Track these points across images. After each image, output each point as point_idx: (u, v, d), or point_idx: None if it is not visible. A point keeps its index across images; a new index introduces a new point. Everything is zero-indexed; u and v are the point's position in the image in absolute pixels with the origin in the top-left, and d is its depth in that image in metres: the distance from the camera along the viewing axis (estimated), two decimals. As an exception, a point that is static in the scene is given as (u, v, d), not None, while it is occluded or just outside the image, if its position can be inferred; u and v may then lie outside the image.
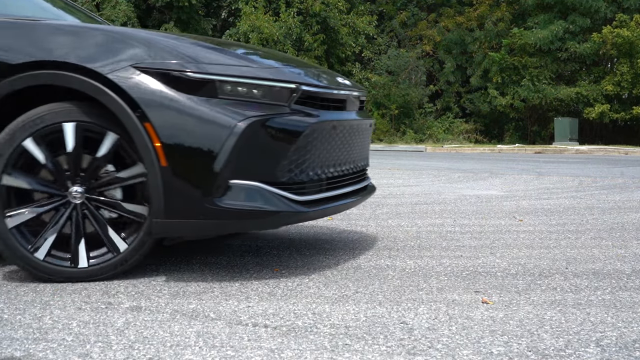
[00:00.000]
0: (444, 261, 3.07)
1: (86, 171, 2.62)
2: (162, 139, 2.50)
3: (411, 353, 1.83)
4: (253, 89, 2.59)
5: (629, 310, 2.29)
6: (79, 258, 2.61)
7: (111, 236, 2.63)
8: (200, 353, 1.81)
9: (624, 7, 21.91)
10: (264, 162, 2.58)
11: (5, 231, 2.56)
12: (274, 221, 2.68)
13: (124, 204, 2.64)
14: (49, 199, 2.62)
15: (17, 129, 2.56)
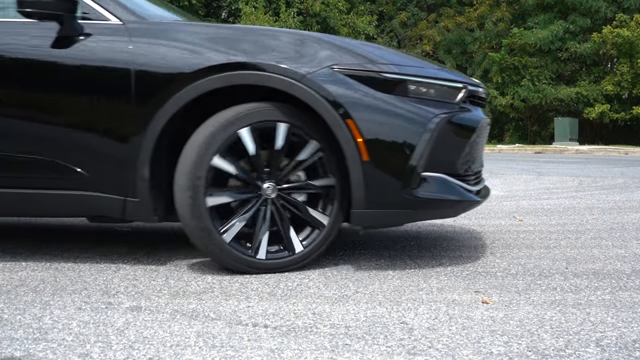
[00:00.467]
0: (444, 261, 3.07)
1: (282, 170, 2.82)
2: (363, 134, 2.72)
3: (411, 353, 1.83)
4: (433, 89, 2.85)
5: (629, 310, 2.29)
6: (260, 249, 2.78)
7: (291, 236, 2.82)
8: (200, 353, 1.81)
9: (624, 7, 21.91)
10: (448, 155, 2.84)
11: (204, 209, 2.69)
12: (457, 210, 2.97)
13: (309, 209, 2.86)
14: (244, 188, 2.81)
15: (235, 118, 2.74)
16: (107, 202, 2.82)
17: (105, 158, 2.80)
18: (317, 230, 2.87)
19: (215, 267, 2.89)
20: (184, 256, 3.12)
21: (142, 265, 2.90)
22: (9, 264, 2.89)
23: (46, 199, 2.84)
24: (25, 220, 4.06)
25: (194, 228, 2.71)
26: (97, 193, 2.82)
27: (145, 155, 2.76)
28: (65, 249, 3.24)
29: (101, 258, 3.05)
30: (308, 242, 2.85)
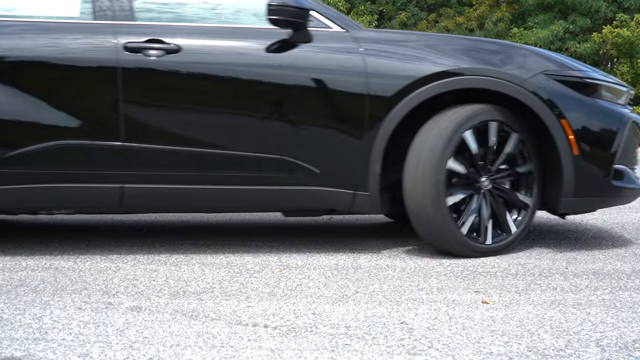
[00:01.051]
0: (444, 261, 3.07)
1: (494, 163, 3.19)
2: (574, 132, 3.14)
3: (411, 353, 1.83)
4: (614, 92, 3.36)
5: (629, 310, 2.29)
6: (487, 236, 3.16)
7: (508, 220, 3.20)
8: (200, 353, 1.81)
9: (624, 7, 21.91)
10: (629, 150, 3.33)
11: (445, 208, 3.03)
12: (631, 198, 3.46)
13: (517, 193, 3.23)
14: (468, 184, 3.15)
15: (463, 122, 3.07)
16: (336, 196, 3.12)
17: (337, 155, 3.08)
18: (523, 212, 3.23)
19: (215, 267, 2.89)
20: (184, 256, 3.12)
21: (142, 265, 2.90)
22: (9, 264, 2.89)
23: (281, 195, 3.10)
24: (26, 221, 4.06)
25: (436, 223, 3.04)
26: (327, 188, 3.10)
27: (378, 152, 3.07)
28: (65, 249, 3.24)
29: (101, 258, 3.05)
30: (518, 223, 3.22)
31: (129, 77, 3.01)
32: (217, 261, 3.02)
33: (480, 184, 3.14)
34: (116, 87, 2.99)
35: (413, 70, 3.09)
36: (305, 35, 3.10)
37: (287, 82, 3.06)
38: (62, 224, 4.00)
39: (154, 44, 3.03)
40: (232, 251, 3.25)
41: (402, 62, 3.12)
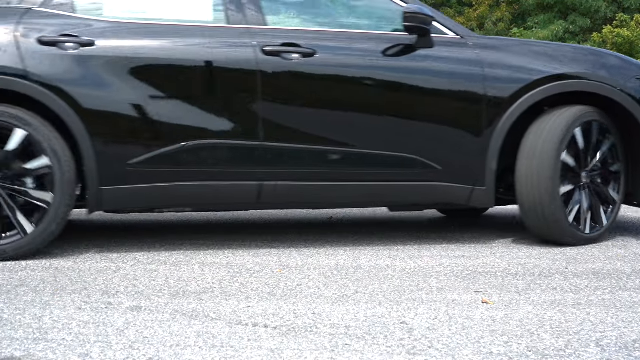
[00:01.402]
0: (444, 261, 3.07)
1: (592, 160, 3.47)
2: None
3: (411, 353, 1.83)
4: None
5: (629, 310, 2.29)
6: (586, 226, 3.45)
7: (601, 213, 3.49)
8: (200, 353, 1.81)
9: (624, 7, 21.92)
10: None
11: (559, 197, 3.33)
12: None
13: (609, 189, 3.52)
14: (574, 177, 3.42)
15: (571, 121, 3.35)
16: (456, 191, 3.38)
17: (457, 153, 3.34)
18: (612, 206, 3.51)
19: (215, 267, 2.89)
20: (184, 256, 3.12)
21: (142, 265, 2.90)
22: (9, 264, 2.89)
23: (406, 190, 3.37)
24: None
25: (550, 212, 3.30)
26: (449, 183, 3.35)
27: (495, 150, 3.33)
28: (65, 249, 3.24)
29: (101, 258, 3.05)
30: (608, 216, 3.50)
31: (268, 79, 3.18)
32: (217, 261, 3.02)
33: (582, 178, 3.43)
34: (256, 89, 3.17)
35: (527, 73, 3.39)
36: (428, 41, 3.35)
37: (415, 85, 3.31)
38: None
39: (289, 47, 3.21)
40: (232, 251, 3.25)
41: (515, 66, 3.41)
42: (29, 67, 3.01)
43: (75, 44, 3.07)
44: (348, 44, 3.33)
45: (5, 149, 2.98)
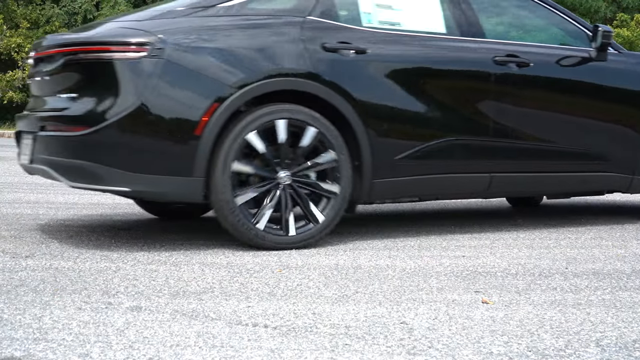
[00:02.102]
0: (444, 261, 3.07)
1: None
2: None
3: (411, 353, 1.83)
4: None
5: (629, 310, 2.29)
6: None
7: None
8: (200, 353, 1.81)
9: (623, 6, 21.91)
10: None
11: None
12: None
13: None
14: None
15: None
16: (620, 180, 4.13)
17: (622, 147, 4.08)
18: None
19: (215, 267, 2.89)
20: (184, 256, 3.12)
21: (142, 265, 2.90)
22: (9, 264, 2.89)
23: (587, 179, 4.10)
24: (25, 220, 4.06)
25: None
26: (615, 174, 4.08)
27: None
28: (65, 249, 3.24)
29: (101, 258, 3.05)
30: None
31: (497, 85, 3.79)
32: (217, 261, 3.02)
33: None
34: (488, 94, 3.77)
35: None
36: (604, 55, 4.07)
37: (599, 93, 4.11)
38: (61, 224, 4.00)
39: (511, 58, 3.84)
40: (232, 251, 3.25)
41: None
42: (318, 70, 3.36)
43: (352, 50, 3.47)
44: (553, 58, 4.02)
45: (300, 145, 3.32)
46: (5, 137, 17.07)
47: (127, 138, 3.09)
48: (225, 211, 3.17)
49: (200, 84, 3.18)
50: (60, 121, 3.24)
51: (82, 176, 3.15)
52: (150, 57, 3.10)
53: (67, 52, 3.22)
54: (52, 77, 3.36)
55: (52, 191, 5.67)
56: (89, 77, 3.19)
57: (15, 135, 3.80)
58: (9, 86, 19.44)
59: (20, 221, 4.04)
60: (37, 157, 3.36)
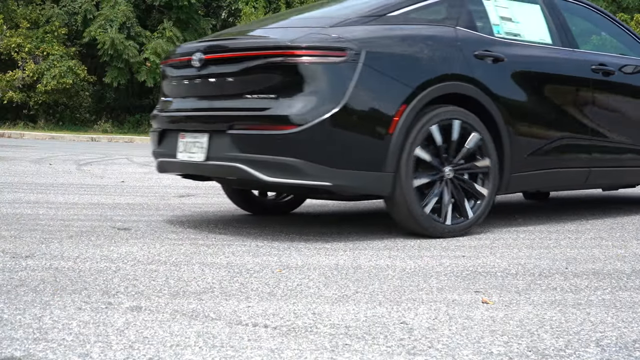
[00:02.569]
0: (444, 261, 3.07)
1: None
2: None
3: (411, 353, 1.83)
4: None
5: (629, 310, 2.29)
6: None
7: None
8: (200, 353, 1.81)
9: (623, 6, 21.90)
10: None
11: None
12: None
13: None
14: None
15: None
16: None
17: None
18: None
19: (215, 267, 2.89)
20: (184, 256, 3.12)
21: (142, 265, 2.90)
22: (9, 264, 2.89)
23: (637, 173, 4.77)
24: (25, 220, 4.06)
25: None
26: None
27: None
28: (65, 249, 3.24)
29: (101, 258, 3.05)
30: None
31: (594, 90, 4.38)
32: (217, 261, 3.02)
33: None
34: (587, 97, 4.35)
35: None
36: None
37: None
38: (61, 224, 4.00)
39: (601, 67, 4.45)
40: (232, 251, 3.25)
41: None
42: (475, 75, 3.77)
43: (492, 58, 3.91)
44: (629, 67, 4.65)
45: (464, 147, 3.70)
46: (5, 137, 17.09)
47: (330, 136, 3.33)
48: (405, 191, 3.49)
49: (391, 86, 3.50)
50: (260, 120, 3.41)
51: (284, 172, 3.35)
52: (349, 62, 3.37)
53: (259, 55, 3.42)
54: (236, 79, 3.53)
55: (52, 191, 5.67)
56: (288, 79, 3.36)
57: (160, 134, 4.00)
58: (9, 86, 19.45)
59: (20, 221, 4.04)
60: (221, 154, 3.53)
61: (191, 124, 3.79)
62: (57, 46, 20.28)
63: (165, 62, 4.13)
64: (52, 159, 9.76)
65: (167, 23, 20.69)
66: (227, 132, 3.48)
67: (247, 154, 3.41)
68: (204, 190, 6.12)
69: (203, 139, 3.61)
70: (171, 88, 4.01)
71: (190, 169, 3.78)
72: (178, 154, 3.78)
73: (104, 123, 20.48)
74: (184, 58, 3.80)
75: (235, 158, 3.44)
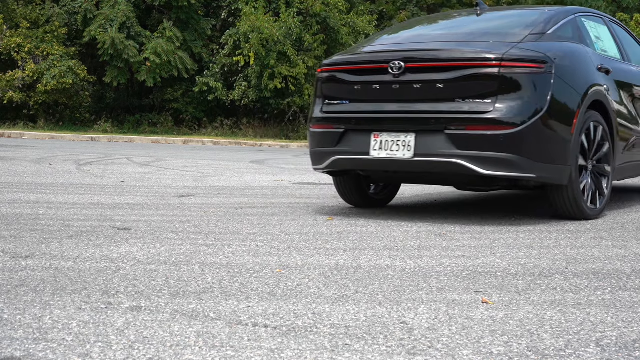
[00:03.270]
0: (444, 261, 3.07)
1: None
2: None
3: (411, 353, 1.83)
4: None
5: (629, 310, 2.29)
6: None
7: None
8: (200, 353, 1.81)
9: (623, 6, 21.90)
10: None
11: None
12: None
13: None
14: None
15: None
16: None
17: None
18: None
19: (215, 267, 2.89)
20: (184, 256, 3.12)
21: (142, 265, 2.90)
22: (9, 264, 2.89)
23: None
24: (25, 220, 4.06)
25: None
26: None
27: None
28: (65, 249, 3.24)
29: (101, 258, 3.05)
30: None
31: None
32: (217, 261, 3.02)
33: None
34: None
35: None
36: None
37: None
38: (62, 224, 4.00)
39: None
40: (232, 251, 3.25)
41: None
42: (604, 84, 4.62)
43: (606, 70, 4.73)
44: None
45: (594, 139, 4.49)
46: (5, 137, 17.09)
47: (538, 135, 4.03)
48: (574, 181, 4.24)
49: (571, 94, 4.24)
50: (480, 122, 4.00)
51: (500, 166, 3.97)
52: (546, 73, 4.09)
53: (473, 65, 4.03)
54: (446, 85, 4.08)
55: (52, 191, 5.67)
56: (503, 87, 3.99)
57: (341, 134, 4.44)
58: (9, 86, 19.44)
59: (20, 221, 4.04)
60: (434, 151, 4.08)
61: (390, 125, 4.28)
62: (57, 46, 20.27)
63: (336, 69, 4.55)
64: (52, 159, 9.76)
65: (167, 23, 20.67)
66: (443, 132, 4.05)
67: (466, 151, 3.97)
68: (204, 190, 6.12)
69: (407, 138, 4.15)
70: (348, 92, 4.45)
71: (393, 165, 4.25)
72: (372, 151, 4.26)
73: (104, 123, 20.47)
74: (373, 65, 4.35)
75: (453, 155, 4.00)
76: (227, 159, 11.33)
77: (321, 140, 4.57)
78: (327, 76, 4.56)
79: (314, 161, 4.66)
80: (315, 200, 5.43)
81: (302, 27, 20.76)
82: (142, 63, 19.86)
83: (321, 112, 4.58)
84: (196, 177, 7.55)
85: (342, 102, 4.49)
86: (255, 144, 17.82)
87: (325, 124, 4.54)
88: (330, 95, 4.56)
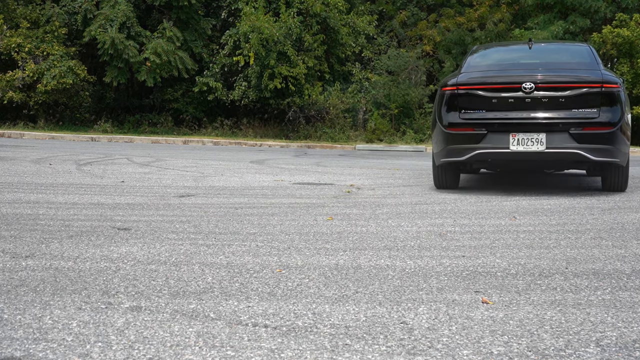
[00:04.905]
0: (444, 261, 3.07)
1: None
2: None
3: (411, 353, 1.83)
4: None
5: (629, 310, 2.29)
6: None
7: None
8: (200, 353, 1.81)
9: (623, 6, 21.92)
10: None
11: None
12: None
13: None
14: None
15: None
16: None
17: None
18: None
19: (215, 267, 2.89)
20: (184, 256, 3.12)
21: (142, 265, 2.90)
22: (9, 264, 2.89)
23: None
24: (25, 220, 4.06)
25: None
26: None
27: None
28: (65, 249, 3.24)
29: (101, 258, 3.05)
30: None
31: None
32: (217, 261, 3.02)
33: None
34: None
35: None
36: None
37: None
38: (61, 224, 4.00)
39: None
40: (232, 251, 3.25)
41: None
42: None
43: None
44: None
45: None
46: (5, 137, 17.08)
47: (622, 132, 5.83)
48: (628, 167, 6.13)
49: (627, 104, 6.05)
50: (593, 124, 5.72)
51: (604, 154, 5.72)
52: (621, 90, 5.86)
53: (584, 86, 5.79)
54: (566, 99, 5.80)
55: (52, 191, 5.67)
56: (603, 100, 5.77)
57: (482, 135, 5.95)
58: (9, 86, 19.44)
59: (20, 221, 4.04)
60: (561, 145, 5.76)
61: (524, 127, 5.84)
62: (57, 46, 20.27)
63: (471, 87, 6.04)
64: (52, 159, 9.76)
65: (167, 23, 20.67)
66: (568, 132, 5.74)
67: (584, 144, 5.72)
68: (204, 190, 6.12)
69: (540, 136, 5.79)
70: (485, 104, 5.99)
71: (531, 156, 5.83)
72: (511, 146, 5.84)
73: (104, 123, 20.47)
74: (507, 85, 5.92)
75: (574, 147, 5.72)
76: (227, 159, 11.33)
77: (462, 139, 6.03)
78: (463, 92, 6.07)
79: (450, 154, 6.05)
80: (315, 200, 5.44)
81: (302, 27, 20.76)
82: (142, 63, 19.86)
83: (460, 118, 6.07)
84: (196, 177, 7.55)
85: (479, 111, 6.04)
86: (255, 144, 17.82)
87: (465, 127, 6.03)
88: (466, 107, 6.07)
